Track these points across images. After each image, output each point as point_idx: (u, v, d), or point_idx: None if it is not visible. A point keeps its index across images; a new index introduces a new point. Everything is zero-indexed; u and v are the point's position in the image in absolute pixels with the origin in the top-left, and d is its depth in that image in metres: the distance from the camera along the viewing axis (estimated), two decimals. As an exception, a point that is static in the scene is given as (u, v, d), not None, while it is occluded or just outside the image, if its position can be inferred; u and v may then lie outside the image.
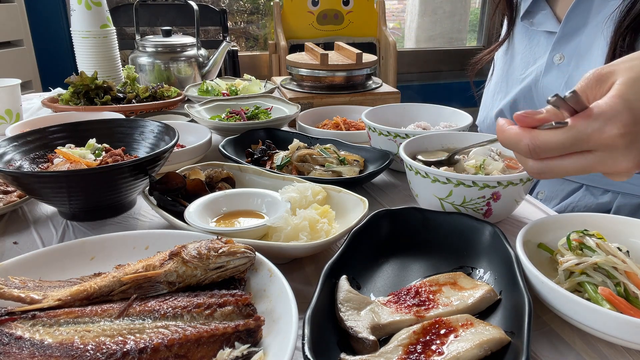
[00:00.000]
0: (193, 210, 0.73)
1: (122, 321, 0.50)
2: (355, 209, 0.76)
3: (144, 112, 1.34)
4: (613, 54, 0.91)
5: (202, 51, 1.73)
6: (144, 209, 0.88)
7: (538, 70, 1.10)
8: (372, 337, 0.51)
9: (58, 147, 0.88)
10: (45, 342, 0.47)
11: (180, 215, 0.72)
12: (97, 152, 0.89)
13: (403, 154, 0.81)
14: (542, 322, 0.59)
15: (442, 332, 0.51)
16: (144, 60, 1.66)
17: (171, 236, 0.65)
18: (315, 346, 0.47)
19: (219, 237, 0.60)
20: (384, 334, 0.54)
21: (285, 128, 1.25)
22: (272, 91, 1.56)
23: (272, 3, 3.37)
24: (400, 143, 0.86)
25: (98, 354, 0.46)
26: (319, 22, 3.42)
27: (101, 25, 1.54)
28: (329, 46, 1.76)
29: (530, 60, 1.14)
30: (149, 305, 0.52)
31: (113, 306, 0.52)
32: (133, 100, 1.37)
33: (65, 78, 1.36)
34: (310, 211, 0.72)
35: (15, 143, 0.86)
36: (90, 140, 0.91)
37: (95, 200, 0.81)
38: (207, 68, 1.72)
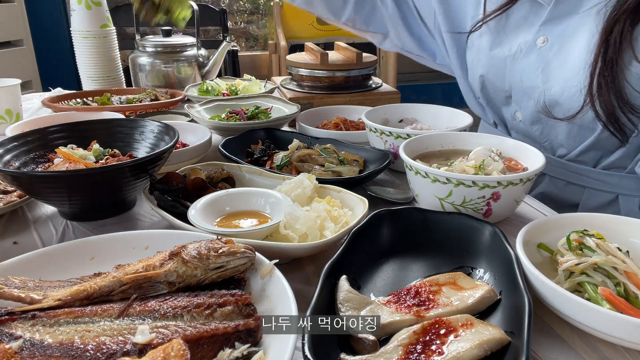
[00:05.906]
0: (197, 211, 0.72)
1: (122, 321, 0.50)
2: (355, 209, 0.76)
3: (143, 112, 1.34)
4: (606, 43, 0.85)
5: (202, 51, 1.73)
6: (144, 209, 0.88)
7: (517, 48, 1.01)
8: (372, 337, 0.51)
9: (60, 147, 0.88)
10: (45, 342, 0.47)
11: (180, 215, 0.72)
12: (99, 154, 0.89)
13: (403, 154, 0.81)
14: (542, 322, 0.59)
15: (442, 332, 0.51)
16: (144, 60, 1.65)
17: (171, 236, 0.65)
18: (315, 346, 0.47)
19: (219, 237, 0.60)
20: (384, 334, 0.54)
21: (285, 128, 1.25)
22: (272, 91, 1.56)
23: (272, 3, 3.38)
24: (399, 146, 0.86)
25: (98, 354, 0.46)
26: (319, 22, 3.42)
27: (101, 25, 1.54)
28: (329, 46, 1.76)
29: (513, 32, 1.04)
30: (149, 305, 0.52)
31: (113, 306, 0.52)
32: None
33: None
34: (322, 204, 0.74)
35: (15, 143, 0.86)
36: (95, 145, 0.91)
37: (95, 200, 0.81)
38: (207, 68, 1.72)
